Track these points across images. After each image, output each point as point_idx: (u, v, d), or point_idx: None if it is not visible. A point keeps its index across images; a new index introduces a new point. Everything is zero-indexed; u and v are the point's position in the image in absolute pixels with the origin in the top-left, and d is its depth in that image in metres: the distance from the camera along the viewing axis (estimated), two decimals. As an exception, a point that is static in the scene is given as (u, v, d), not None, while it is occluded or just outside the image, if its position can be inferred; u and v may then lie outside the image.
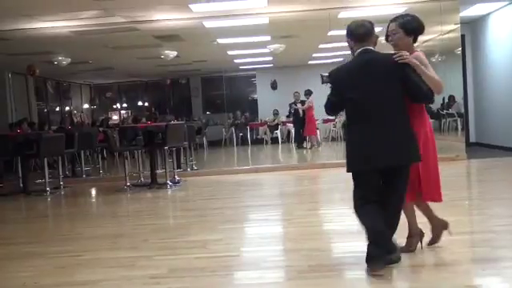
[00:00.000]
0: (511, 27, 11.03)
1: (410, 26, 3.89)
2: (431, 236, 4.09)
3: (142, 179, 9.43)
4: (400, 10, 10.26)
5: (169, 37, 11.82)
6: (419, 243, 4.05)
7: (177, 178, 9.31)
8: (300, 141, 15.11)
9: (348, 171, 3.75)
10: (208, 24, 10.78)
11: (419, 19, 3.95)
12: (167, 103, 22.88)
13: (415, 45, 3.99)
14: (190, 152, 10.99)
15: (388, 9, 10.35)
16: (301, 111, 15.05)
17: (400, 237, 3.97)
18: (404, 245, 4.04)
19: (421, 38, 4.15)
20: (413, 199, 3.91)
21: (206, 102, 22.49)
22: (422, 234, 4.06)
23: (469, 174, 9.47)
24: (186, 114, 20.48)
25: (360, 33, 3.84)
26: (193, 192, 8.64)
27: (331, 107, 4.01)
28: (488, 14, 11.88)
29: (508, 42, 11.16)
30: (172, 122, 10.63)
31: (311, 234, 4.99)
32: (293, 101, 15.77)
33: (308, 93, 14.93)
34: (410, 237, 4.05)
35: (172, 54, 12.53)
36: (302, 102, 15.17)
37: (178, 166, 10.21)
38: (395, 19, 3.95)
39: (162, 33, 11.34)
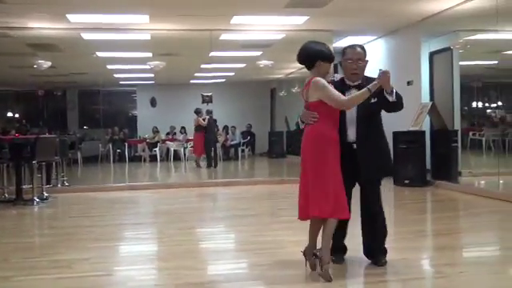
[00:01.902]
0: (377, 59, 11.90)
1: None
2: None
3: (6, 195, 8.82)
4: (278, 36, 10.72)
5: (44, 46, 11.29)
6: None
7: (45, 195, 8.83)
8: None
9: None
10: (87, 36, 10.47)
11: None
12: (40, 115, 21.75)
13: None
14: (62, 167, 10.50)
15: (267, 35, 10.74)
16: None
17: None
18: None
19: (297, 65, 4.37)
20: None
21: (83, 116, 21.69)
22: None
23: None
24: (60, 128, 19.60)
25: None
26: (62, 209, 8.25)
27: None
28: (359, 46, 12.72)
29: (375, 73, 12.00)
30: (42, 135, 10.08)
31: (181, 253, 4.96)
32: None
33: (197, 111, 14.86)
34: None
35: (46, 64, 11.96)
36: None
37: (48, 182, 9.70)
38: None
39: (36, 41, 10.82)
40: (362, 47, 4.28)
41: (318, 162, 3.97)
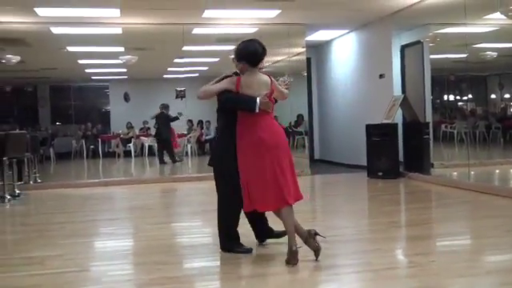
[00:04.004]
0: (350, 53, 12.00)
1: (236, 53, 4.34)
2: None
3: (-23, 193, 8.67)
4: (251, 30, 10.71)
5: (12, 40, 11.07)
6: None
7: (17, 192, 8.70)
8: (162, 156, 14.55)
9: None
10: (56, 30, 10.30)
11: (247, 46, 4.30)
12: (11, 112, 21.36)
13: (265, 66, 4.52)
14: (34, 164, 10.35)
15: (240, 29, 10.72)
16: None
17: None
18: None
19: (271, 59, 4.55)
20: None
21: (55, 112, 21.40)
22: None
23: (311, 188, 10.04)
24: (32, 124, 19.31)
25: None
26: (34, 206, 8.14)
27: None
28: (331, 40, 12.80)
29: (347, 67, 12.13)
30: (12, 132, 9.91)
31: (157, 248, 4.93)
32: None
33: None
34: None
35: (15, 58, 11.73)
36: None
37: (20, 179, 9.55)
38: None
39: (4, 35, 10.60)
40: None
41: (289, 152, 4.41)
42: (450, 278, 3.79)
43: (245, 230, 4.66)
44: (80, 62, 14.62)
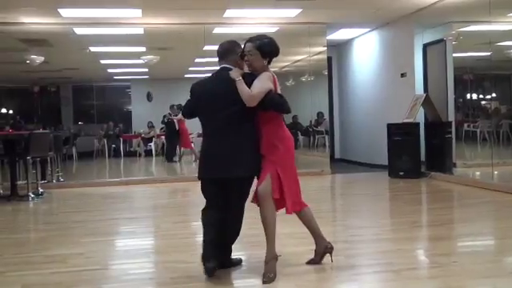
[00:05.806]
0: (371, 52, 11.91)
1: (267, 49, 3.94)
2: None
3: (1, 191, 8.80)
4: (272, 29, 10.70)
5: (36, 41, 11.24)
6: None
7: (40, 190, 8.82)
8: (171, 154, 15.00)
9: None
10: (79, 31, 10.42)
11: (275, 43, 4.03)
12: (35, 112, 21.67)
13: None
14: (57, 163, 10.48)
15: (260, 28, 10.71)
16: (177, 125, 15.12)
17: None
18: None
19: (291, 58, 4.36)
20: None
21: (78, 112, 21.62)
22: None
23: (332, 187, 10.02)
24: (55, 124, 19.57)
25: (218, 51, 4.06)
26: (57, 204, 8.23)
27: (187, 112, 4.29)
28: (352, 39, 12.73)
29: (369, 65, 12.04)
30: (36, 131, 10.05)
31: (177, 247, 4.96)
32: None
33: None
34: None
35: (39, 59, 11.91)
36: None
37: (43, 178, 9.68)
38: (252, 40, 3.95)
39: (28, 36, 10.77)
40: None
41: None
42: (473, 278, 3.74)
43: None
44: (102, 62, 14.78)
